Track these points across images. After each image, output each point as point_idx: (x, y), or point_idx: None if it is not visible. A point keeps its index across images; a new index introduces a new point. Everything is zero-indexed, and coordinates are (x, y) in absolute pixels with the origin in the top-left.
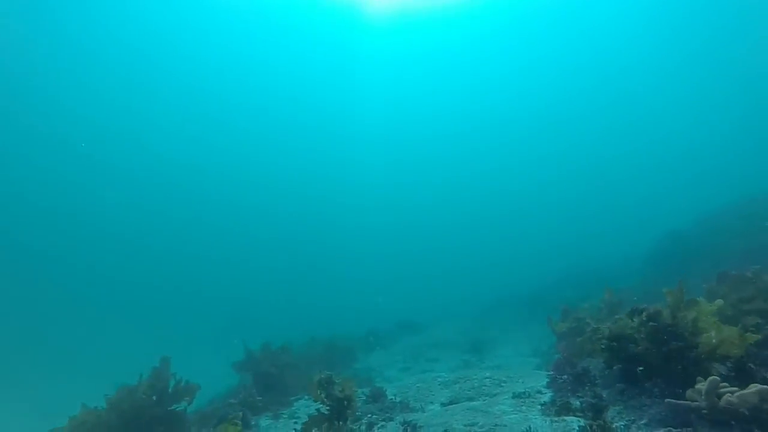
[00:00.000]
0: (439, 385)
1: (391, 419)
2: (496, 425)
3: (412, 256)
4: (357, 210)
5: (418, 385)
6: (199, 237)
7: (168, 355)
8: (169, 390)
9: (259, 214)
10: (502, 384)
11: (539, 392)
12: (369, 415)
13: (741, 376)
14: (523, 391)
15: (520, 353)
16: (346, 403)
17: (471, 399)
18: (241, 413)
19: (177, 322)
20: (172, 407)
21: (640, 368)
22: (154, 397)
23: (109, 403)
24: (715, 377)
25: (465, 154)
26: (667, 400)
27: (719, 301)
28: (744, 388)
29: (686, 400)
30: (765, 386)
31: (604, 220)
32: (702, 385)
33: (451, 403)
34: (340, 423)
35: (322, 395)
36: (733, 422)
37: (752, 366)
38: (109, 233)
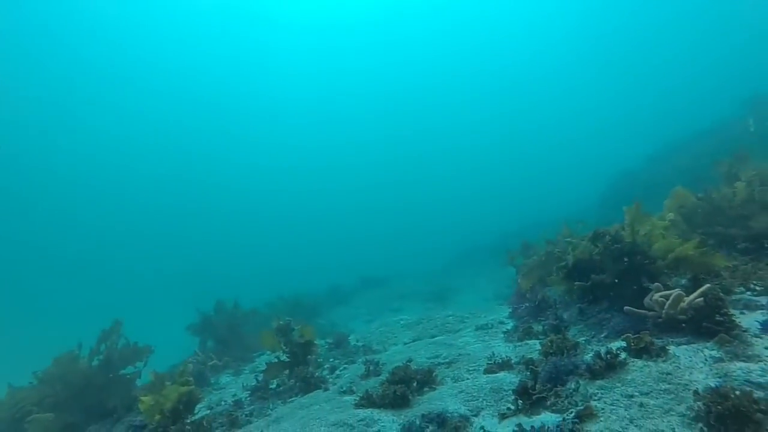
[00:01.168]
0: (402, 327)
1: (354, 362)
2: (459, 355)
3: (375, 215)
4: (315, 173)
5: (381, 329)
6: (164, 218)
7: (120, 319)
8: (117, 353)
9: (223, 192)
10: (465, 320)
11: (501, 323)
12: (331, 360)
13: (697, 286)
14: (486, 323)
15: (483, 298)
16: (306, 348)
17: (434, 336)
18: (190, 366)
19: (144, 299)
20: (123, 371)
21: (601, 289)
22: (97, 362)
23: (48, 374)
24: (659, 284)
25: (424, 113)
26: (626, 308)
27: (670, 215)
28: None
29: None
30: (708, 286)
31: (560, 169)
32: (657, 294)
33: (414, 341)
34: (302, 368)
35: (281, 342)
36: (683, 324)
37: (705, 278)
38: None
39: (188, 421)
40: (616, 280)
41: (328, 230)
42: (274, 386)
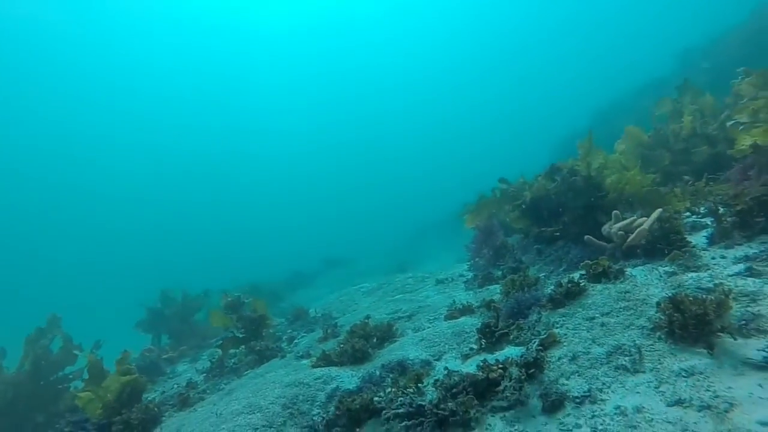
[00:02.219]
0: (363, 294)
1: (313, 330)
2: (419, 307)
3: (335, 199)
4: (275, 160)
5: (341, 299)
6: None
7: (58, 315)
8: (52, 355)
9: (181, 181)
10: (425, 279)
11: (461, 275)
12: (290, 332)
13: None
14: (446, 278)
15: (444, 265)
16: (259, 322)
17: (394, 296)
18: (128, 354)
19: (96, 293)
20: (63, 373)
21: (558, 228)
22: (27, 368)
23: None
24: (617, 212)
25: (379, 98)
26: (586, 237)
27: (621, 146)
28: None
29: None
30: (661, 210)
31: (510, 139)
32: (615, 227)
33: (374, 303)
34: (256, 342)
35: (233, 319)
36: (638, 250)
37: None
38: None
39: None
40: (574, 216)
41: (289, 217)
42: (230, 364)
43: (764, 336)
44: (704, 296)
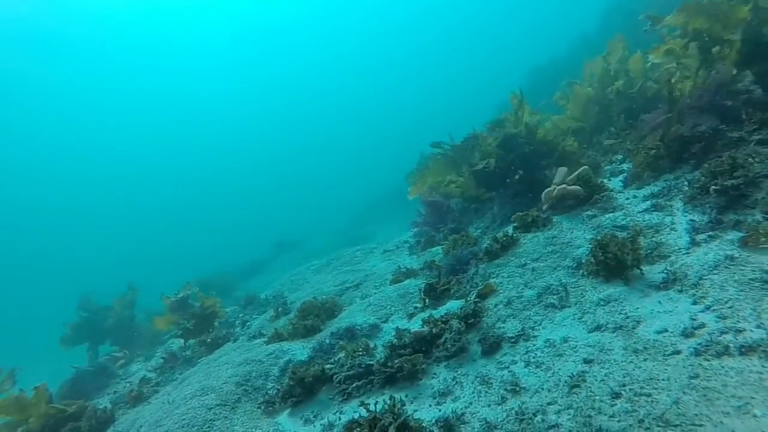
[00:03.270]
0: (313, 271)
1: (265, 311)
2: (366, 276)
3: (283, 184)
4: (219, 151)
5: (292, 278)
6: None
7: None
8: None
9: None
10: (373, 251)
11: (406, 242)
12: (242, 316)
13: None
14: (392, 247)
15: (391, 236)
16: (210, 317)
17: (342, 269)
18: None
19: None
20: None
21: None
22: None
23: None
24: (564, 168)
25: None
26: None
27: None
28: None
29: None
30: (584, 168)
31: (451, 103)
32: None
33: (322, 277)
34: (207, 333)
35: (180, 317)
36: (570, 201)
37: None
38: None
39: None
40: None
41: (239, 208)
42: (184, 356)
43: (664, 260)
44: (620, 236)
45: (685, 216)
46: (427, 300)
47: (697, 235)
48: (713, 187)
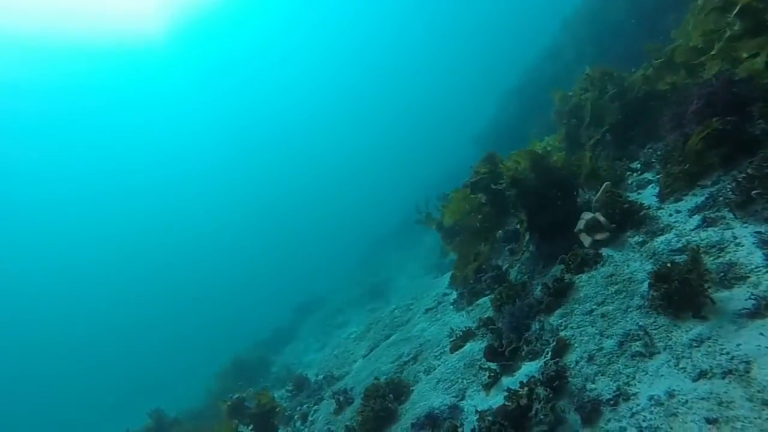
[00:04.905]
0: (354, 341)
1: (322, 398)
2: (420, 345)
3: (283, 243)
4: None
5: (335, 352)
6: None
7: None
8: None
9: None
10: (411, 308)
11: (445, 295)
12: (298, 408)
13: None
14: (432, 304)
15: (416, 276)
16: (268, 415)
17: (388, 336)
18: None
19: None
20: None
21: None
22: None
23: None
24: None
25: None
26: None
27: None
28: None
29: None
30: (607, 183)
31: (432, 134)
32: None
33: (371, 350)
34: None
35: (239, 423)
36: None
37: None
38: None
39: None
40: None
41: (244, 275)
42: None
43: (744, 282)
44: (680, 261)
45: (745, 227)
46: (497, 368)
47: None
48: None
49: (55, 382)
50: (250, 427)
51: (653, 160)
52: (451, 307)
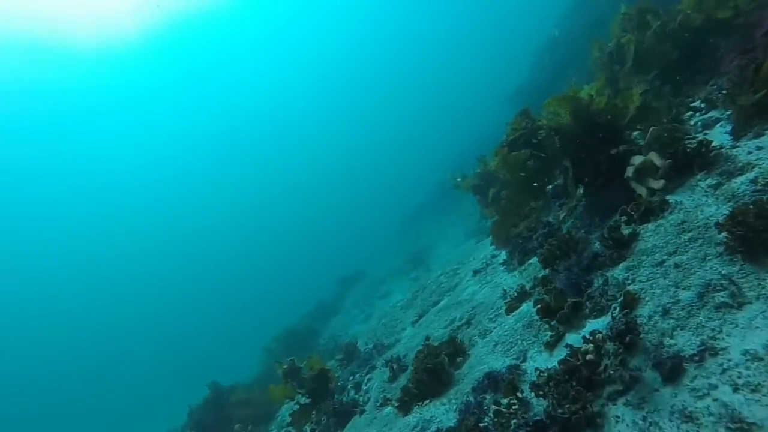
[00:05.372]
0: (401, 309)
1: (374, 367)
2: (473, 308)
3: (323, 215)
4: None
5: (383, 321)
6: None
7: None
8: None
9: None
10: (457, 273)
11: (494, 256)
12: (351, 377)
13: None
14: (480, 266)
15: (457, 242)
16: (321, 379)
17: (437, 302)
18: None
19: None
20: None
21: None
22: None
23: None
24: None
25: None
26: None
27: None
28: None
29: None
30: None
31: (466, 93)
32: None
33: (420, 317)
34: (327, 402)
35: (294, 386)
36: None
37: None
38: None
39: None
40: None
41: (289, 252)
42: None
43: None
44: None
45: None
46: (559, 327)
47: None
48: None
49: (117, 367)
50: (304, 394)
51: (719, 96)
52: (502, 267)
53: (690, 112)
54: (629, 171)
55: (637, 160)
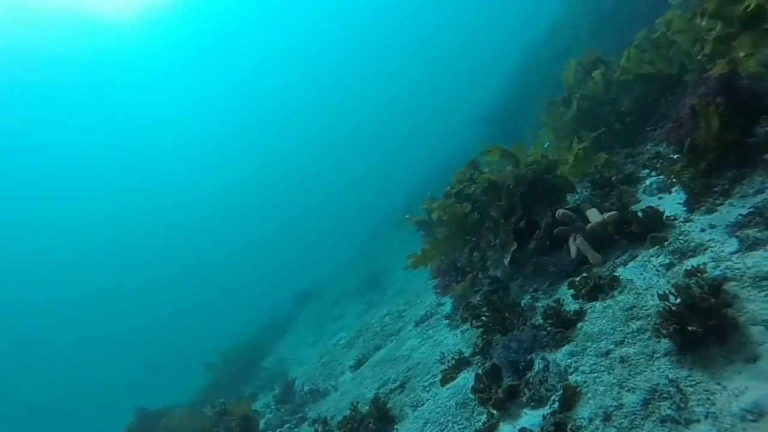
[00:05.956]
0: (344, 348)
1: (304, 418)
2: (408, 370)
3: (285, 226)
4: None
5: (322, 361)
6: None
7: None
8: None
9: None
10: (402, 315)
11: (439, 305)
12: (279, 430)
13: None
14: (424, 313)
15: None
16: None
17: (378, 348)
18: None
19: None
20: None
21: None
22: None
23: None
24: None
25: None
26: (578, 239)
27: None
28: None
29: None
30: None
31: (437, 120)
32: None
33: (359, 363)
34: None
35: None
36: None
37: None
38: None
39: None
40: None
41: (244, 261)
42: None
43: None
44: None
45: None
46: (494, 412)
47: None
48: None
49: (48, 378)
50: None
51: (662, 163)
52: (445, 322)
53: (645, 170)
54: (573, 235)
55: (576, 240)
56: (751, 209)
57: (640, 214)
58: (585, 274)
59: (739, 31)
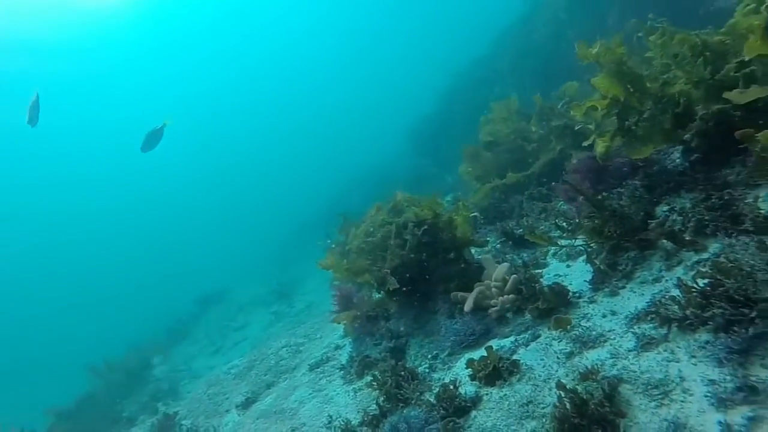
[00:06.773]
0: (234, 379)
1: None
2: (293, 430)
3: (195, 227)
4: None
5: (209, 392)
6: None
7: None
8: None
9: None
10: (300, 351)
11: (338, 348)
12: None
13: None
14: (321, 356)
15: (325, 279)
16: None
17: (269, 386)
18: None
19: None
20: None
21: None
22: None
23: None
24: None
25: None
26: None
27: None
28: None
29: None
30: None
31: (366, 127)
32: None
33: (247, 402)
34: None
35: None
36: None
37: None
38: None
39: None
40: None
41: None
42: None
43: None
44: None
45: (694, 366)
46: None
47: (728, 412)
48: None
49: None
50: None
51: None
52: (339, 373)
53: (557, 230)
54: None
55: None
56: (648, 302)
57: (546, 288)
58: (485, 354)
59: None
